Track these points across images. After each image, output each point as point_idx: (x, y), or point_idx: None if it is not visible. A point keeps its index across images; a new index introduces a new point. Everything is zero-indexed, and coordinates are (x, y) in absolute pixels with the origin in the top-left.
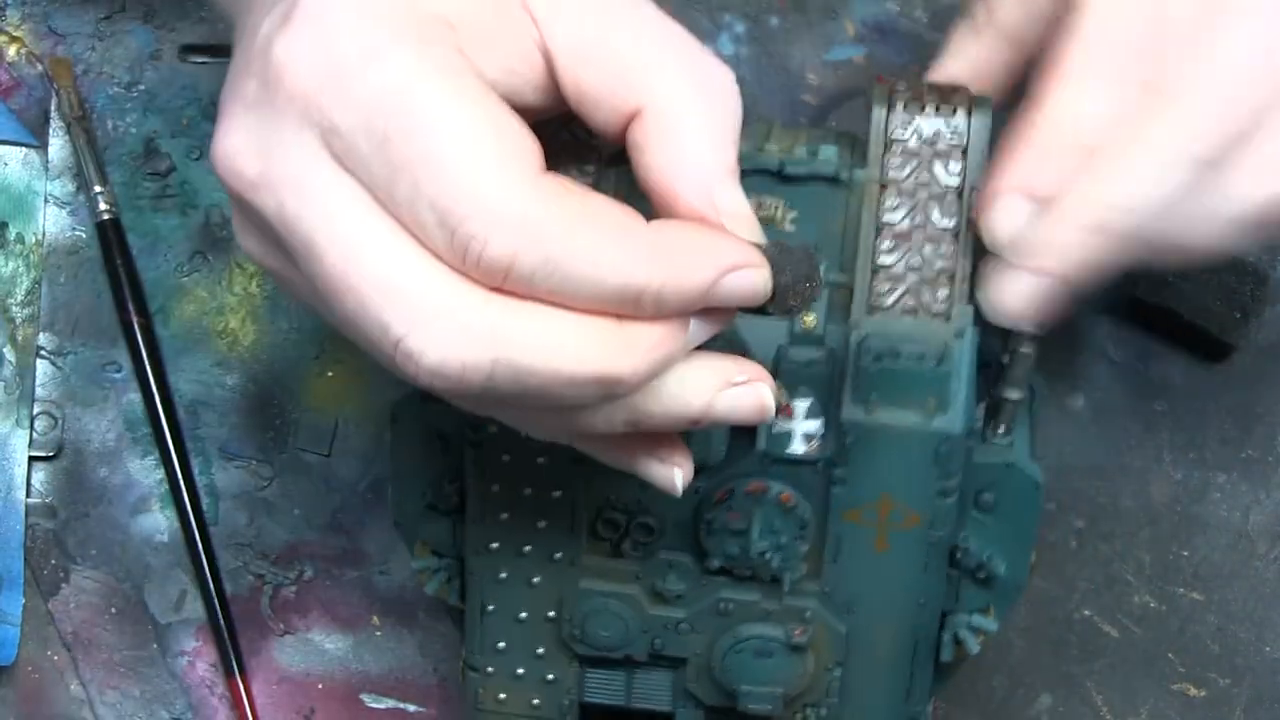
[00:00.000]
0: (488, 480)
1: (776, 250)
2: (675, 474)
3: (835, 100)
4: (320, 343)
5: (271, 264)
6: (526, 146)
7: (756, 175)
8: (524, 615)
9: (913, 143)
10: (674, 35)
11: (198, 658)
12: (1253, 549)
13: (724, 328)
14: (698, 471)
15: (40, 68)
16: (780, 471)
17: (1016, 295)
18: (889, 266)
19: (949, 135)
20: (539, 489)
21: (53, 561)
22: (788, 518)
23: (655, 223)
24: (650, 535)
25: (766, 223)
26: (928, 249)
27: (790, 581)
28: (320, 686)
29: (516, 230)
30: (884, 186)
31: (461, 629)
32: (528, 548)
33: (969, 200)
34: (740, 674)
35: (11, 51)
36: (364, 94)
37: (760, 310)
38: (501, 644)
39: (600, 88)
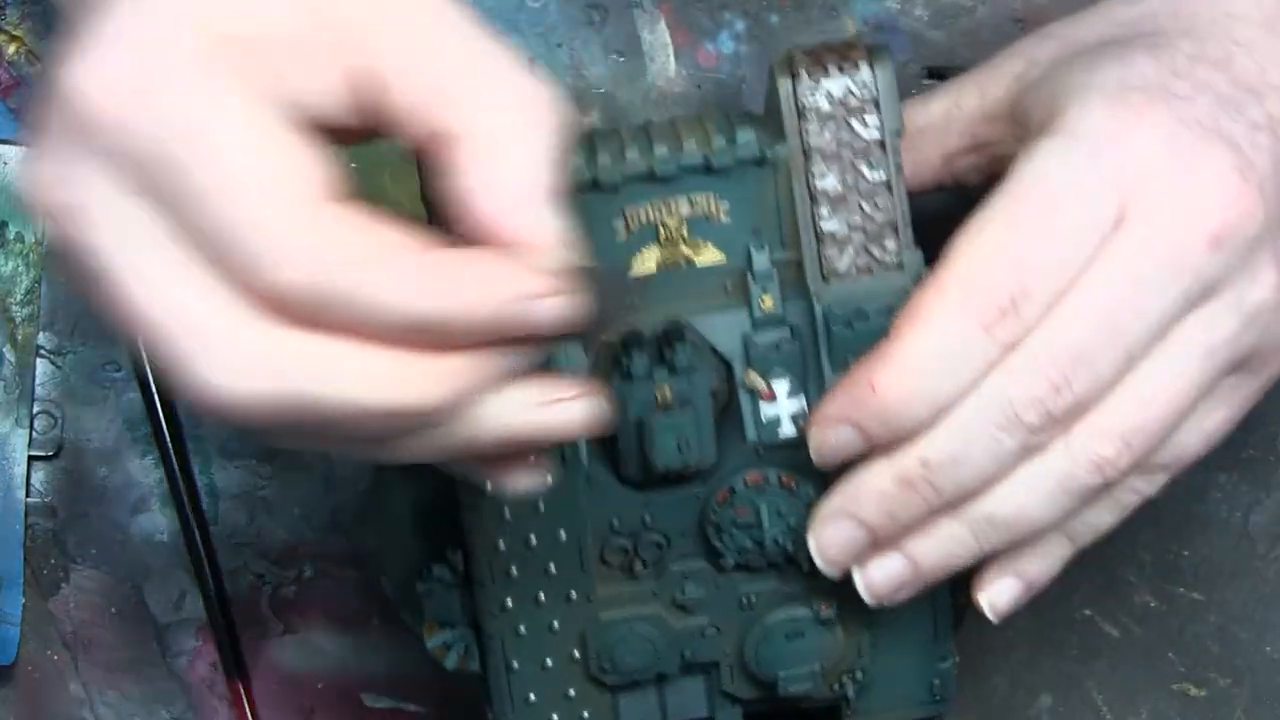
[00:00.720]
0: (490, 540)
1: (587, 275)
2: (525, 482)
3: None
4: None
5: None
6: (314, 175)
7: (684, 174)
8: (550, 663)
9: (825, 106)
10: (492, 56)
11: (198, 658)
12: (1253, 549)
13: (538, 355)
14: (691, 477)
15: (40, 67)
16: (775, 457)
17: (832, 545)
18: (833, 232)
19: (858, 90)
20: (543, 535)
21: (53, 561)
22: (793, 499)
23: (447, 251)
24: (660, 551)
25: (703, 219)
26: (865, 205)
27: (807, 559)
28: (320, 686)
29: (297, 262)
30: (808, 155)
31: (484, 693)
32: (542, 596)
33: (893, 146)
34: (776, 661)
35: (11, 51)
36: (151, 122)
37: (571, 335)
38: (531, 696)
39: (414, 110)
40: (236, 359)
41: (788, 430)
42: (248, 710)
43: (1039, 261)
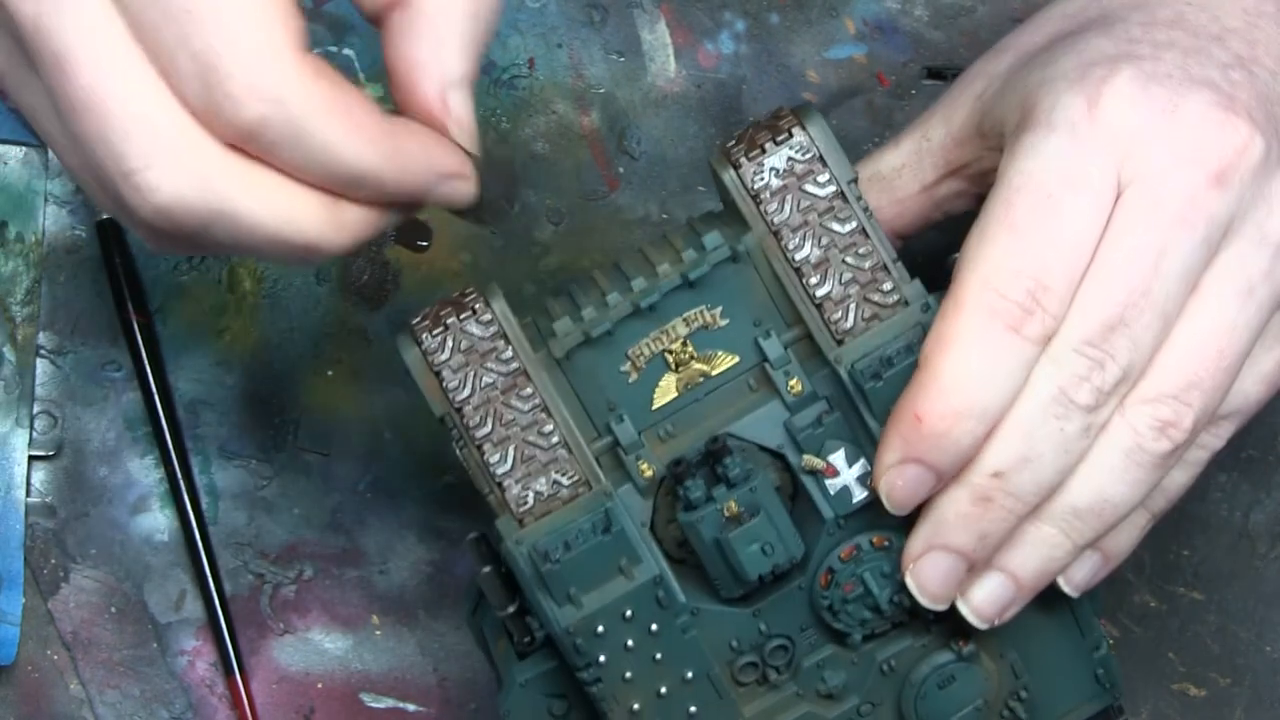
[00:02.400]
0: (624, 706)
1: (485, 163)
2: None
3: (835, 99)
4: (320, 343)
5: (11, 78)
6: (295, 23)
7: (668, 298)
8: None
9: (775, 182)
10: None
11: (198, 657)
12: (1253, 549)
13: (415, 214)
14: (788, 574)
15: None
16: (858, 524)
17: (931, 580)
18: (828, 295)
19: (799, 155)
20: (670, 682)
21: (52, 561)
22: (891, 555)
23: (391, 118)
24: (788, 653)
25: (703, 331)
26: (849, 259)
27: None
28: (320, 686)
29: (271, 99)
30: (778, 234)
31: None
32: None
33: (853, 193)
34: (938, 713)
35: None
36: None
37: (459, 213)
38: None
39: None
40: (188, 173)
41: (859, 495)
42: (248, 710)
43: (1047, 253)
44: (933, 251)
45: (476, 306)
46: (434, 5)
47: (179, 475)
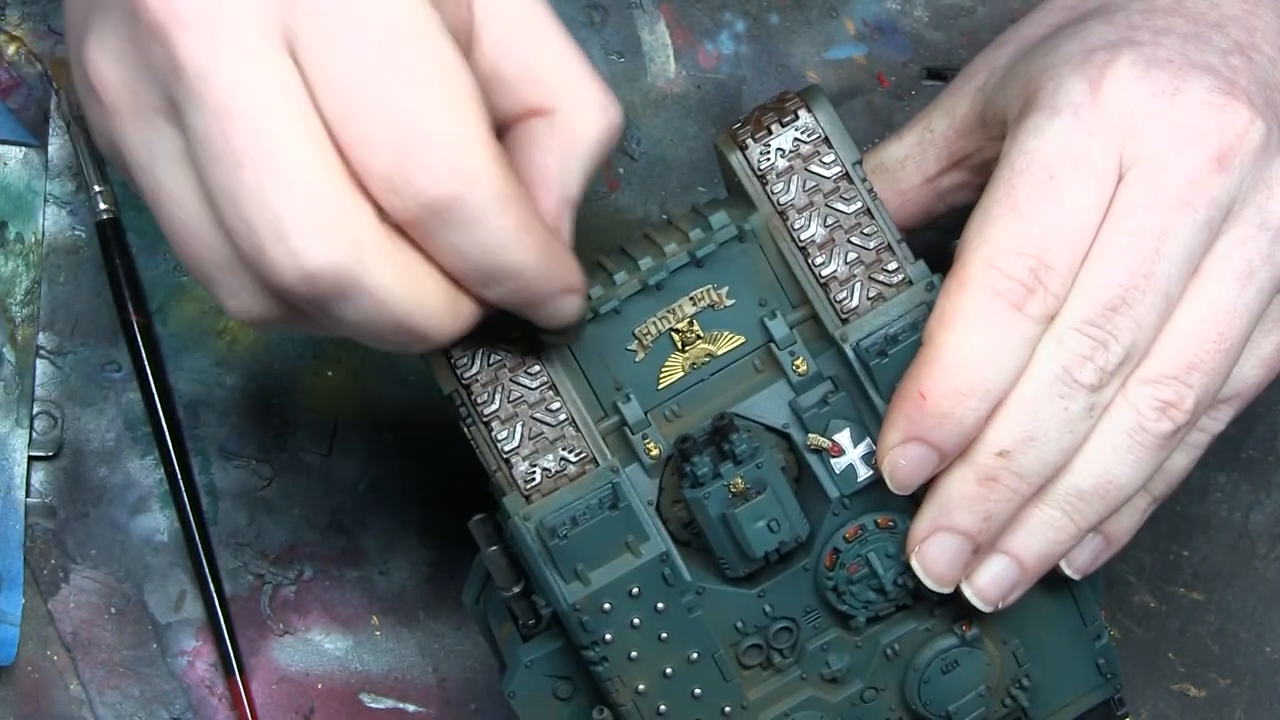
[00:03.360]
0: (630, 686)
1: None
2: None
3: (835, 99)
4: (320, 343)
5: (130, 118)
6: (485, 107)
7: (675, 276)
8: None
9: (781, 163)
10: (581, 55)
11: (198, 658)
12: (1253, 549)
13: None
14: (793, 554)
15: (40, 67)
16: (863, 503)
17: (936, 561)
18: (834, 275)
19: (805, 136)
20: (676, 662)
21: (52, 561)
22: (896, 536)
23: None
24: (792, 635)
25: (709, 310)
26: (855, 239)
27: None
28: (320, 686)
29: (467, 179)
30: (783, 214)
31: None
32: None
33: (858, 174)
34: (942, 698)
35: (11, 51)
36: None
37: (546, 331)
38: None
39: (521, 74)
40: (336, 228)
41: (864, 474)
42: (248, 710)
43: (1049, 233)
44: (932, 253)
45: None
46: (578, 122)
47: (179, 475)
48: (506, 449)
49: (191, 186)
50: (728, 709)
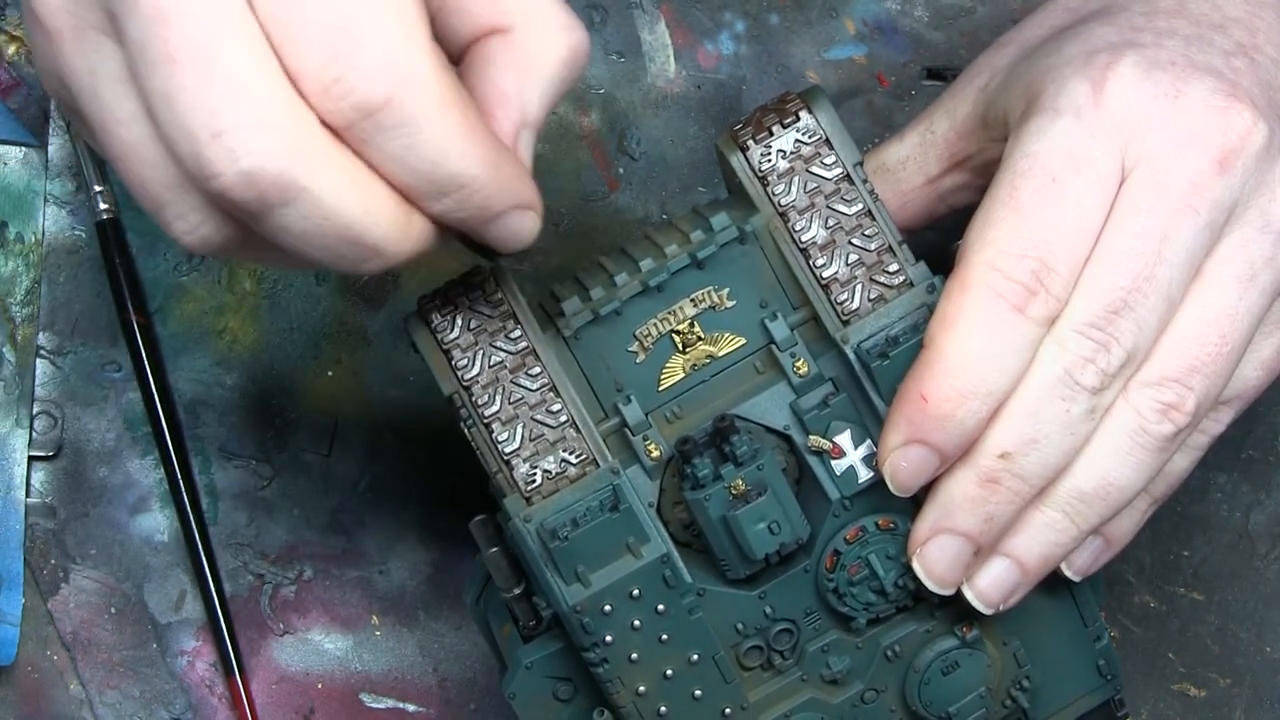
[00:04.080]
0: (630, 687)
1: None
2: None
3: (836, 99)
4: (320, 343)
5: (69, 36)
6: (424, 13)
7: (676, 278)
8: None
9: (782, 164)
10: None
11: (198, 658)
12: (1253, 549)
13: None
14: (793, 555)
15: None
16: (864, 505)
17: (938, 563)
18: (835, 276)
19: (806, 137)
20: (676, 664)
21: (52, 561)
22: (897, 538)
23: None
24: (792, 637)
25: (710, 312)
26: (856, 240)
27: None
28: (320, 686)
29: (401, 79)
30: (784, 215)
31: None
32: None
33: (859, 175)
34: (942, 699)
35: (11, 51)
36: None
37: (484, 249)
38: None
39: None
40: (283, 144)
41: (865, 475)
42: (248, 710)
43: (1051, 235)
44: (933, 254)
45: (486, 286)
46: (537, 42)
47: (179, 475)
48: (507, 451)
49: (133, 103)
50: (728, 710)
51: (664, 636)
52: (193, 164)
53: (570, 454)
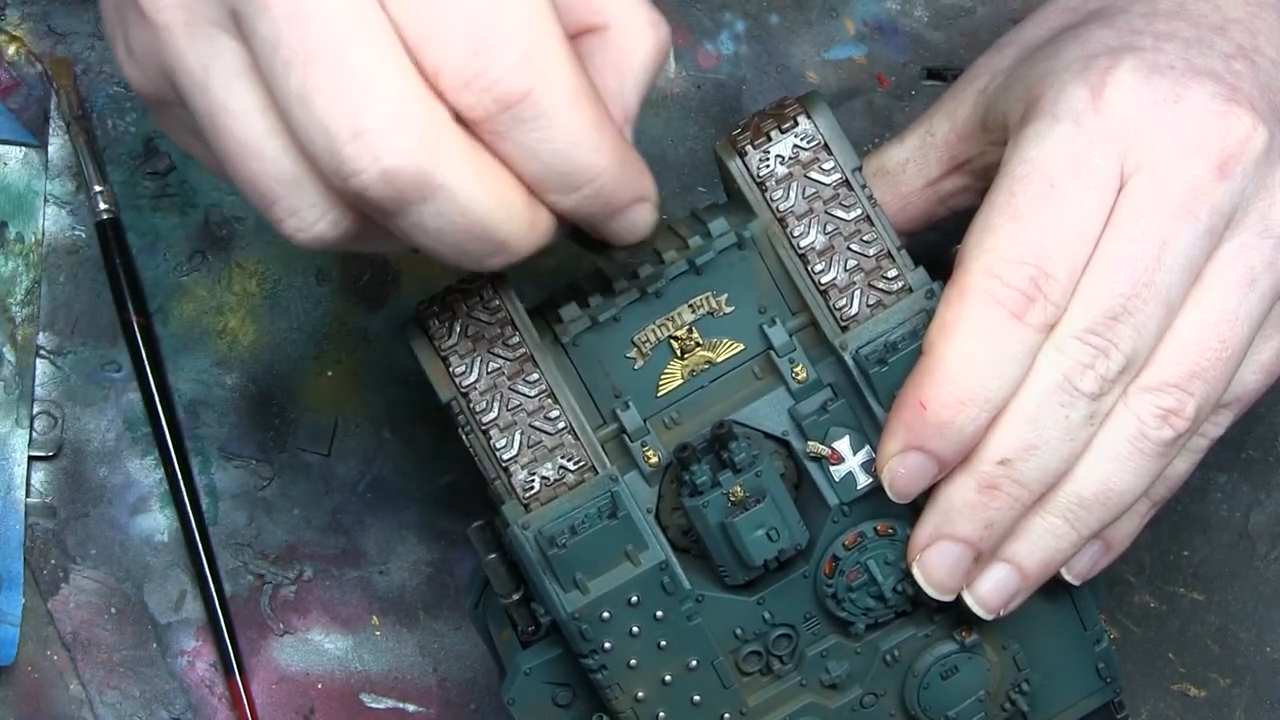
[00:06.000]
0: (629, 693)
1: None
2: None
3: (835, 99)
4: (320, 343)
5: (185, 35)
6: (554, 6)
7: (674, 283)
8: None
9: (780, 170)
10: None
11: (198, 658)
12: (1253, 549)
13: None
14: (792, 561)
15: (40, 67)
16: (863, 511)
17: (938, 569)
18: (833, 282)
19: (804, 143)
20: (675, 669)
21: (52, 561)
22: (896, 544)
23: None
24: (791, 642)
25: (708, 318)
26: (854, 246)
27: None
28: (320, 686)
29: (538, 73)
30: (783, 221)
31: None
32: None
33: (857, 181)
34: (941, 704)
35: (11, 51)
36: None
37: (600, 246)
38: None
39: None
40: (412, 124)
41: (864, 481)
42: (248, 710)
43: (1050, 242)
44: (933, 255)
45: (484, 292)
46: (630, 39)
47: (179, 475)
48: (505, 457)
49: (252, 99)
50: (727, 715)
51: (663, 642)
52: (330, 163)
53: (568, 461)
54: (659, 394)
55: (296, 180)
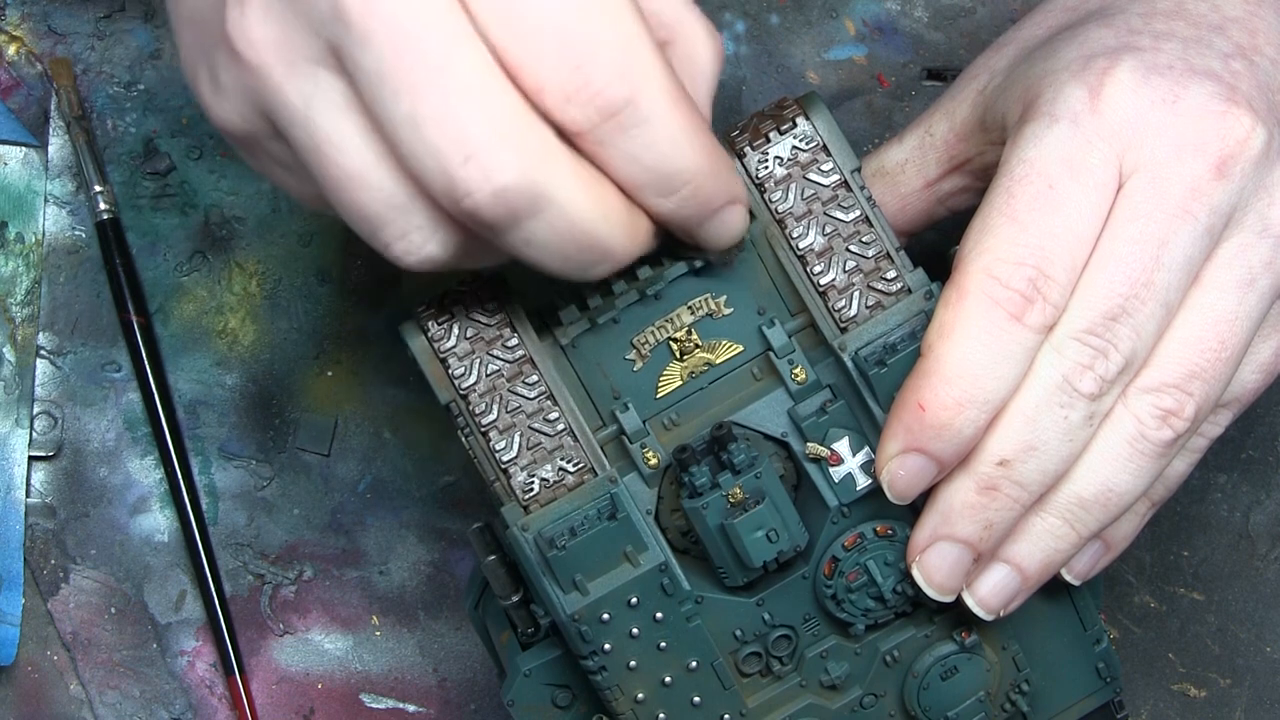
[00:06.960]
0: (629, 694)
1: None
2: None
3: (835, 100)
4: (320, 343)
5: (288, 69)
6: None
7: (673, 285)
8: None
9: (779, 171)
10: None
11: (198, 658)
12: (1253, 549)
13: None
14: (792, 562)
15: (40, 67)
16: (862, 512)
17: (937, 570)
18: (832, 283)
19: (803, 144)
20: (675, 671)
21: (52, 561)
22: (895, 545)
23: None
24: (791, 643)
25: (707, 319)
26: (853, 247)
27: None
28: (320, 686)
29: (638, 81)
30: (781, 222)
31: None
32: None
33: (856, 182)
34: (941, 704)
35: (11, 51)
36: None
37: (691, 249)
38: None
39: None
40: (520, 142)
41: (863, 482)
42: (248, 710)
43: (1048, 243)
44: (932, 255)
45: (483, 294)
46: (694, 51)
47: (179, 475)
48: (505, 459)
49: (355, 130)
50: (727, 716)
51: (662, 644)
52: (443, 186)
53: (568, 462)
54: (658, 395)
55: (405, 205)
